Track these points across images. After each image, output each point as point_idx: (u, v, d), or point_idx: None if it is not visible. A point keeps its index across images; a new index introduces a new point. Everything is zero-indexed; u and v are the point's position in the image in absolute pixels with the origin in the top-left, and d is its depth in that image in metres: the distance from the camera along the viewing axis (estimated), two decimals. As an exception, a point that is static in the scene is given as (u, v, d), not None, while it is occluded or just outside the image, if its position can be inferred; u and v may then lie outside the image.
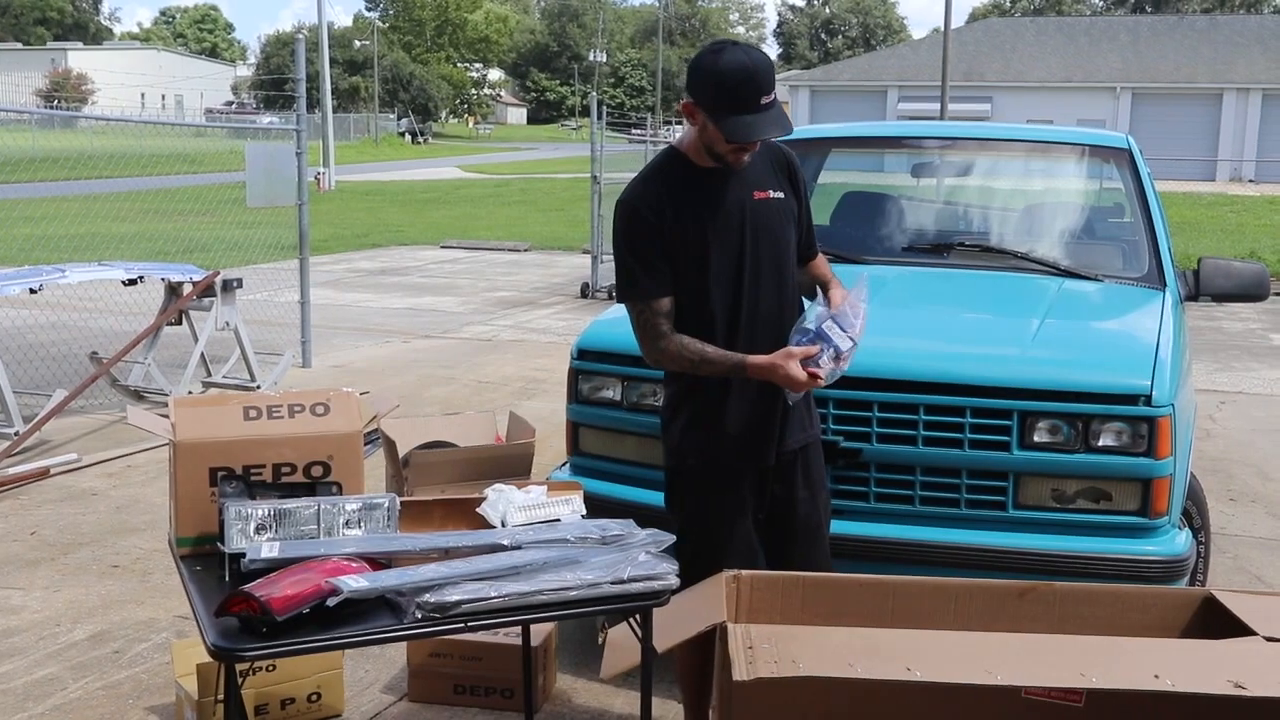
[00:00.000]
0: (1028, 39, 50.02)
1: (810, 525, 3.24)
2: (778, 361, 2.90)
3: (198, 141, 23.08)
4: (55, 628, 4.38)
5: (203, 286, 7.80)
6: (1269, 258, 16.87)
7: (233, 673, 2.26)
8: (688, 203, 3.04)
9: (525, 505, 2.74)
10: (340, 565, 2.34)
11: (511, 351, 10.21)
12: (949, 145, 6.07)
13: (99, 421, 7.29)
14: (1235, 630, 2.52)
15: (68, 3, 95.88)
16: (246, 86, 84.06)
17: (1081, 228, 5.28)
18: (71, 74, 68.50)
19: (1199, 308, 8.17)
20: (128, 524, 5.53)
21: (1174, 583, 3.48)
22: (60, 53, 75.21)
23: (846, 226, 5.37)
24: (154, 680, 3.95)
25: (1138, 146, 5.32)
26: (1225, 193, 33.31)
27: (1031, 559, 3.46)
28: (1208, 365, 9.89)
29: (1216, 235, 21.08)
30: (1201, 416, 7.46)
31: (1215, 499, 5.85)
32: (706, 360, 3.00)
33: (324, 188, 29.43)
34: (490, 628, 2.38)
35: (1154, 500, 3.50)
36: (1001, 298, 4.49)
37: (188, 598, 2.42)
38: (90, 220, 18.28)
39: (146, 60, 77.98)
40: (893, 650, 2.34)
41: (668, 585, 2.43)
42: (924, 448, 3.55)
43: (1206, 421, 7.77)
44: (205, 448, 2.62)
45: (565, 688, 3.96)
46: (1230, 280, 4.86)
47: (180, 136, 22.42)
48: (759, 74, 2.87)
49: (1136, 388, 3.49)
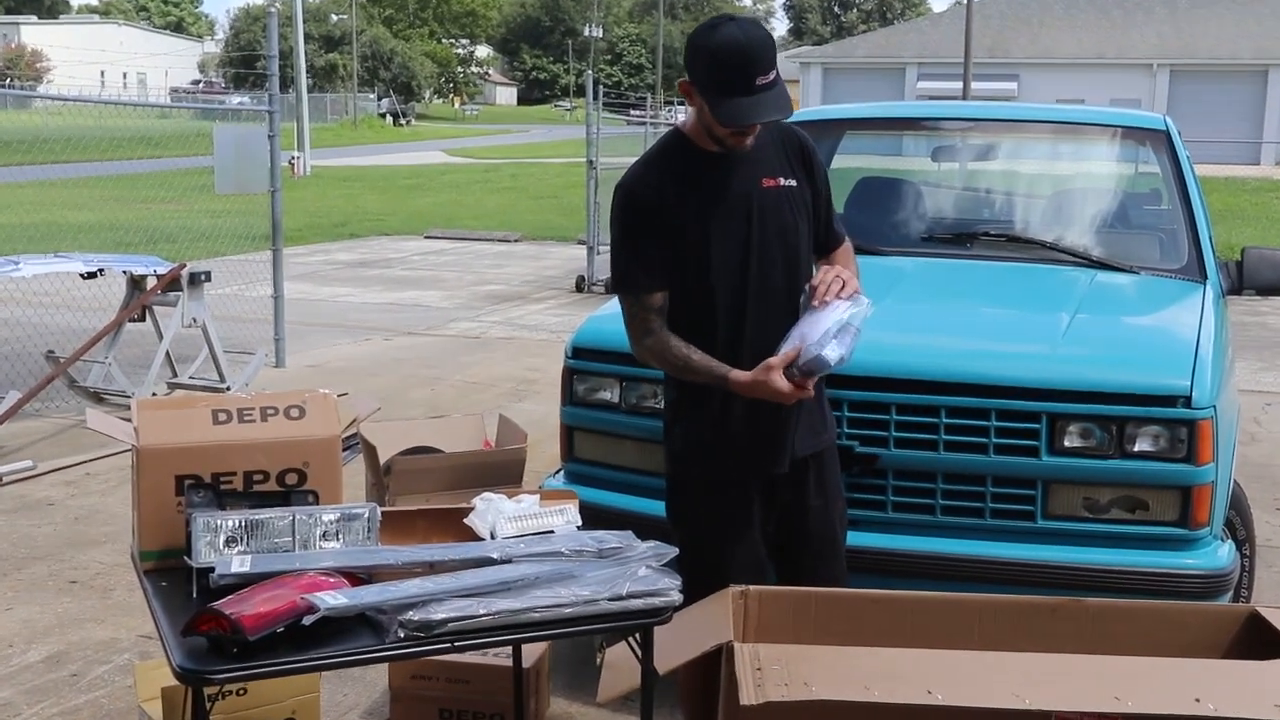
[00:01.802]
0: (1057, 12, 50.03)
1: (824, 537, 3.24)
2: (759, 378, 2.88)
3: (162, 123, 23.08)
4: (8, 649, 4.38)
5: (168, 280, 7.79)
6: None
7: (201, 697, 2.26)
8: (690, 190, 3.04)
9: (516, 516, 2.74)
10: (317, 581, 2.34)
11: (501, 350, 10.21)
12: (972, 127, 6.07)
13: (55, 425, 7.29)
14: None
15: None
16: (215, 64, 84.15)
17: (1115, 215, 5.28)
18: (25, 50, 68.59)
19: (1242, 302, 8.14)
20: (86, 536, 5.53)
21: (1216, 598, 3.48)
22: (13, 27, 75.30)
23: (862, 215, 5.37)
24: (115, 705, 3.95)
25: (1176, 128, 5.33)
26: (1271, 177, 33.31)
27: (1062, 573, 3.47)
28: (1252, 364, 9.89)
29: (1262, 223, 21.08)
30: (1245, 419, 7.46)
31: (1261, 509, 5.85)
32: (690, 368, 3.01)
33: (299, 173, 29.44)
34: (479, 648, 2.39)
35: (1194, 510, 3.50)
36: (1029, 291, 4.50)
37: (152, 616, 2.42)
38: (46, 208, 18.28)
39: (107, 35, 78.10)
40: (913, 672, 2.34)
41: (670, 602, 2.43)
42: (946, 453, 3.56)
43: (1251, 425, 7.78)
44: (171, 454, 2.61)
45: (559, 712, 3.96)
46: (1277, 272, 4.87)
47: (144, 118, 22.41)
48: (755, 52, 2.86)
49: (1175, 388, 3.49)
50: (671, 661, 2.59)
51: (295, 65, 34.96)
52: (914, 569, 3.53)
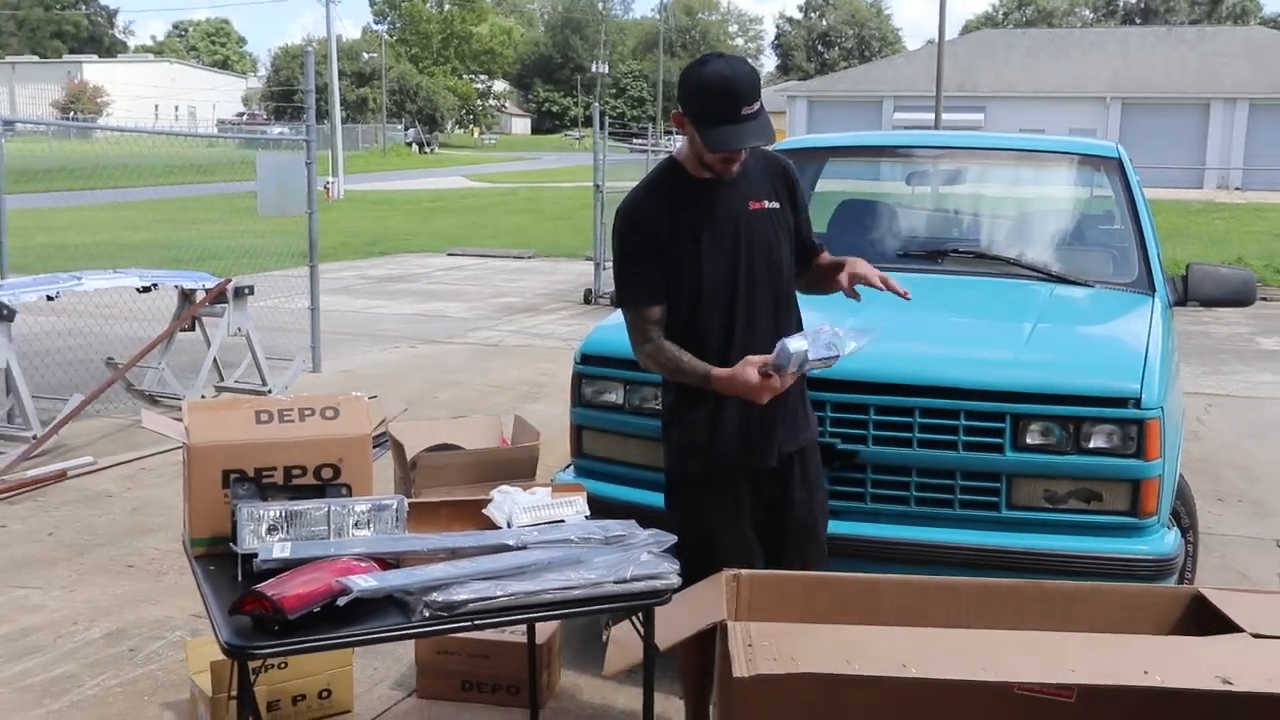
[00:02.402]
0: (1020, 50, 50.02)
1: (808, 526, 3.25)
2: (736, 371, 2.90)
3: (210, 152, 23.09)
4: (73, 626, 4.39)
5: (215, 293, 7.81)
6: (1255, 264, 16.86)
7: (246, 670, 2.26)
8: (684, 213, 3.05)
9: (530, 506, 2.74)
10: (350, 565, 2.34)
11: (516, 356, 10.21)
12: (943, 154, 6.07)
13: (114, 425, 7.30)
14: (1223, 627, 2.52)
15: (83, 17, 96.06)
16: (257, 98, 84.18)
17: (1072, 234, 5.28)
18: (87, 86, 68.70)
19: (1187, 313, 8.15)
20: (143, 525, 5.53)
21: (1163, 581, 3.48)
22: (76, 65, 75.38)
23: (843, 234, 5.37)
24: (169, 677, 3.96)
25: (1127, 155, 5.33)
26: (1213, 200, 33.31)
27: (1024, 558, 3.46)
28: (1196, 369, 9.88)
29: (1204, 242, 21.06)
30: (1190, 419, 7.46)
31: (1203, 499, 5.85)
32: (680, 370, 3.03)
33: (333, 197, 29.45)
34: (496, 626, 2.38)
35: (1143, 500, 3.50)
36: (995, 303, 4.50)
37: (201, 597, 2.42)
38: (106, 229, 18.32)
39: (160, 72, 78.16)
40: (888, 647, 2.34)
41: (669, 584, 2.43)
42: (919, 450, 3.56)
43: (1195, 424, 7.77)
44: (218, 451, 2.62)
45: (569, 684, 3.96)
46: (1218, 286, 4.86)
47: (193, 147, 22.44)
48: (740, 85, 2.87)
49: (1126, 391, 3.49)
50: (671, 638, 2.59)
51: (330, 99, 34.98)
52: (890, 554, 3.53)
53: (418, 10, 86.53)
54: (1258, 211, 28.61)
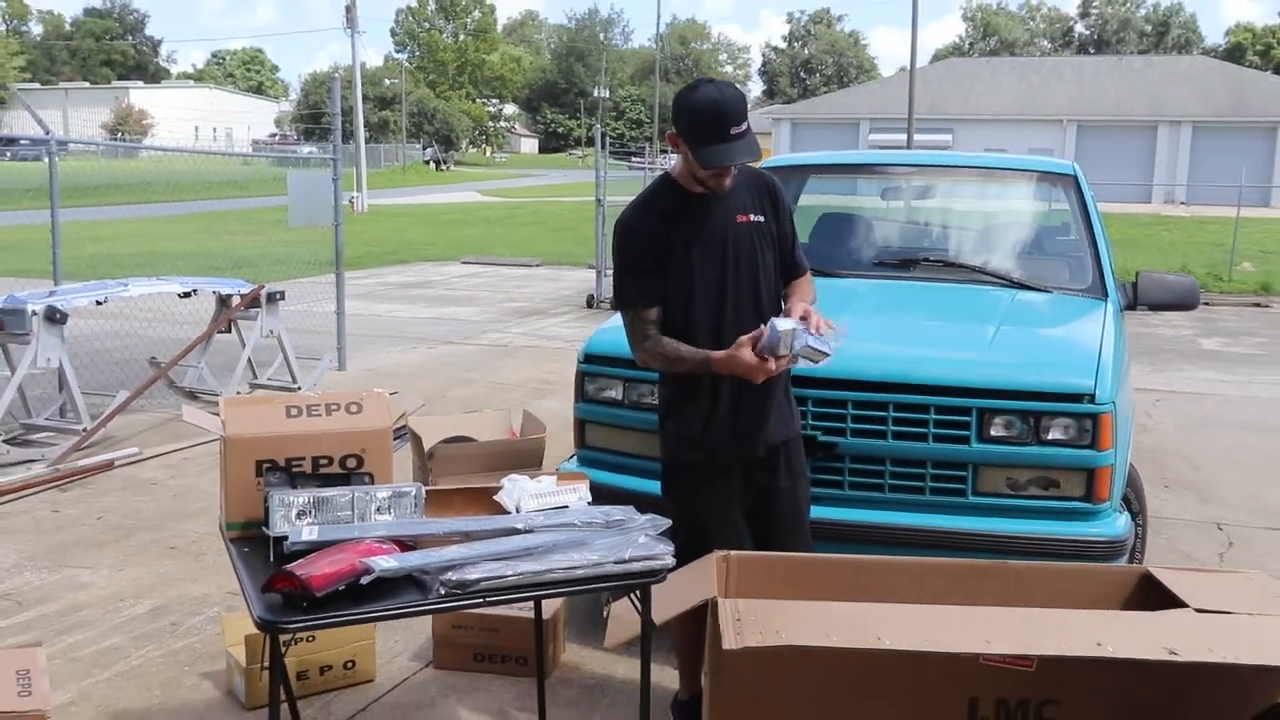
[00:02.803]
0: (985, 77, 50.03)
1: (792, 511, 3.24)
2: (732, 353, 2.91)
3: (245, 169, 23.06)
4: (119, 603, 4.38)
5: (250, 298, 7.80)
6: (1199, 271, 16.89)
7: (276, 643, 2.26)
8: (678, 226, 3.05)
9: (537, 493, 2.74)
10: (372, 547, 2.33)
11: (525, 356, 10.20)
12: (915, 172, 6.07)
13: (158, 419, 7.29)
14: (1169, 603, 2.52)
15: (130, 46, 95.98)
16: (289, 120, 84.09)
17: (1032, 244, 5.28)
18: (134, 110, 68.59)
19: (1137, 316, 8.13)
20: (184, 510, 5.52)
21: (1115, 561, 3.48)
22: (123, 91, 75.27)
23: (823, 244, 5.36)
24: (207, 649, 3.95)
25: (1082, 172, 5.33)
26: (1160, 214, 33.30)
27: (988, 540, 3.46)
28: (1145, 367, 9.89)
29: (1153, 251, 21.08)
30: (1139, 413, 7.46)
31: (1152, 486, 5.85)
32: (680, 358, 3.04)
33: (357, 210, 29.42)
34: (506, 602, 2.38)
35: (1097, 487, 3.50)
36: (962, 307, 4.49)
37: (237, 576, 2.41)
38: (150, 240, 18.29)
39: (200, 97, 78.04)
40: (865, 622, 2.34)
41: (664, 565, 2.43)
42: (893, 441, 3.56)
43: (1144, 417, 7.77)
44: (252, 442, 2.61)
45: (573, 656, 3.96)
46: (1164, 291, 4.86)
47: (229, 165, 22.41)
48: (728, 107, 2.88)
49: (1081, 387, 3.49)
50: (666, 614, 2.59)
51: (355, 121, 34.91)
52: (867, 537, 3.52)
53: (435, 40, 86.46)
54: (1200, 224, 28.62)
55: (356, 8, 35.62)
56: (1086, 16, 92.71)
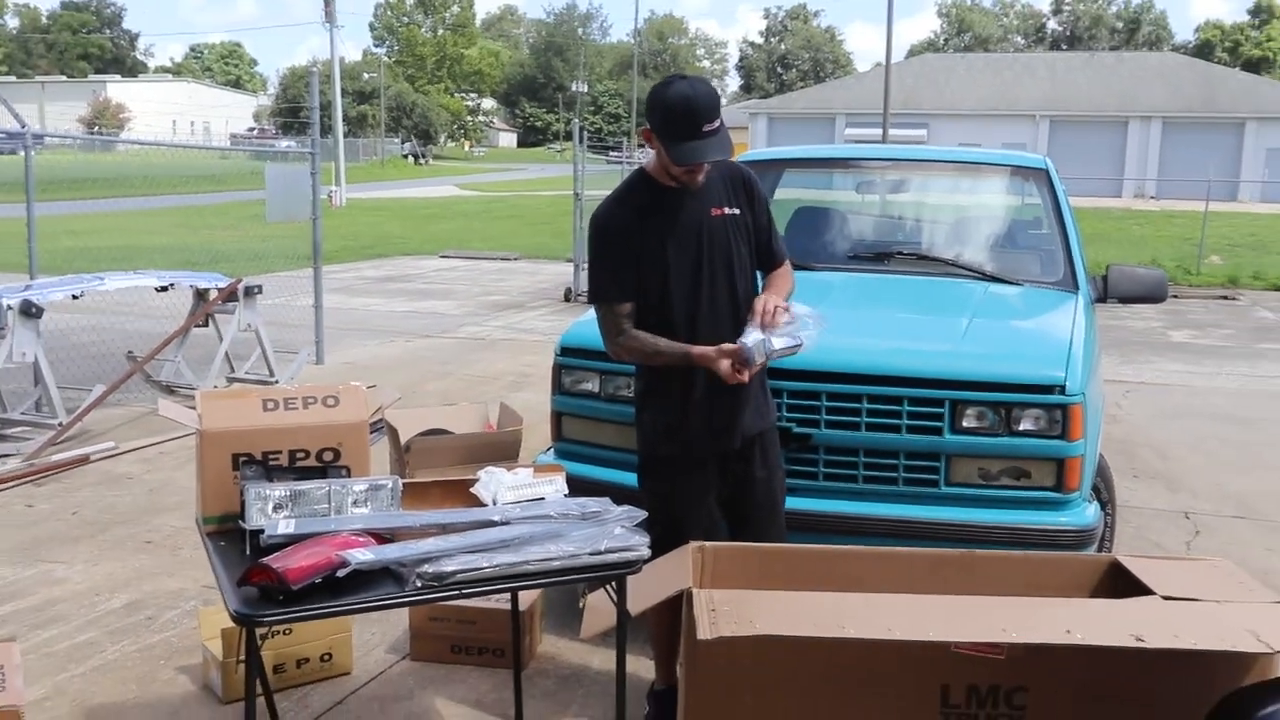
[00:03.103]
0: (959, 72, 50.21)
1: (767, 502, 3.25)
2: (710, 353, 2.92)
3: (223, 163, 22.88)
4: (95, 597, 4.35)
5: (227, 292, 7.75)
6: (1168, 265, 17.02)
7: (253, 636, 2.25)
8: (652, 219, 3.05)
9: (514, 485, 2.73)
10: (349, 540, 2.33)
11: (502, 349, 10.18)
12: (889, 166, 6.09)
13: (134, 413, 7.23)
14: (1137, 590, 2.54)
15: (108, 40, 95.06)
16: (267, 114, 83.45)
17: (1005, 238, 5.30)
18: (111, 103, 67.94)
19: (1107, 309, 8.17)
20: (160, 504, 5.49)
21: (1084, 550, 3.50)
22: (101, 84, 74.47)
23: (799, 237, 5.37)
24: (183, 643, 3.93)
25: (1054, 167, 5.35)
26: (1130, 208, 33.53)
27: (961, 530, 3.47)
28: (1115, 359, 9.96)
29: (1123, 245, 21.22)
30: (1109, 404, 7.51)
31: (1121, 476, 5.90)
32: (659, 352, 3.03)
33: (335, 204, 29.25)
34: (483, 594, 2.37)
35: (1067, 477, 3.52)
36: (935, 300, 4.51)
37: (213, 570, 2.40)
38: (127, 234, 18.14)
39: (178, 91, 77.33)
40: (838, 611, 2.35)
41: (640, 556, 2.43)
42: (866, 433, 3.56)
43: (1113, 408, 7.83)
44: (228, 436, 2.60)
45: (550, 647, 3.96)
46: (1134, 284, 4.89)
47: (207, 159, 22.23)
48: (701, 104, 2.87)
49: (1052, 379, 3.51)
50: (642, 605, 2.59)
51: (333, 115, 34.72)
52: (840, 527, 3.53)
53: (414, 35, 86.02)
54: (1170, 218, 28.83)
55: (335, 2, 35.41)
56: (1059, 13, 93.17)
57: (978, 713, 2.38)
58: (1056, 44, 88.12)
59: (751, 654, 2.34)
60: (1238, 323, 12.99)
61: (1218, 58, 74.74)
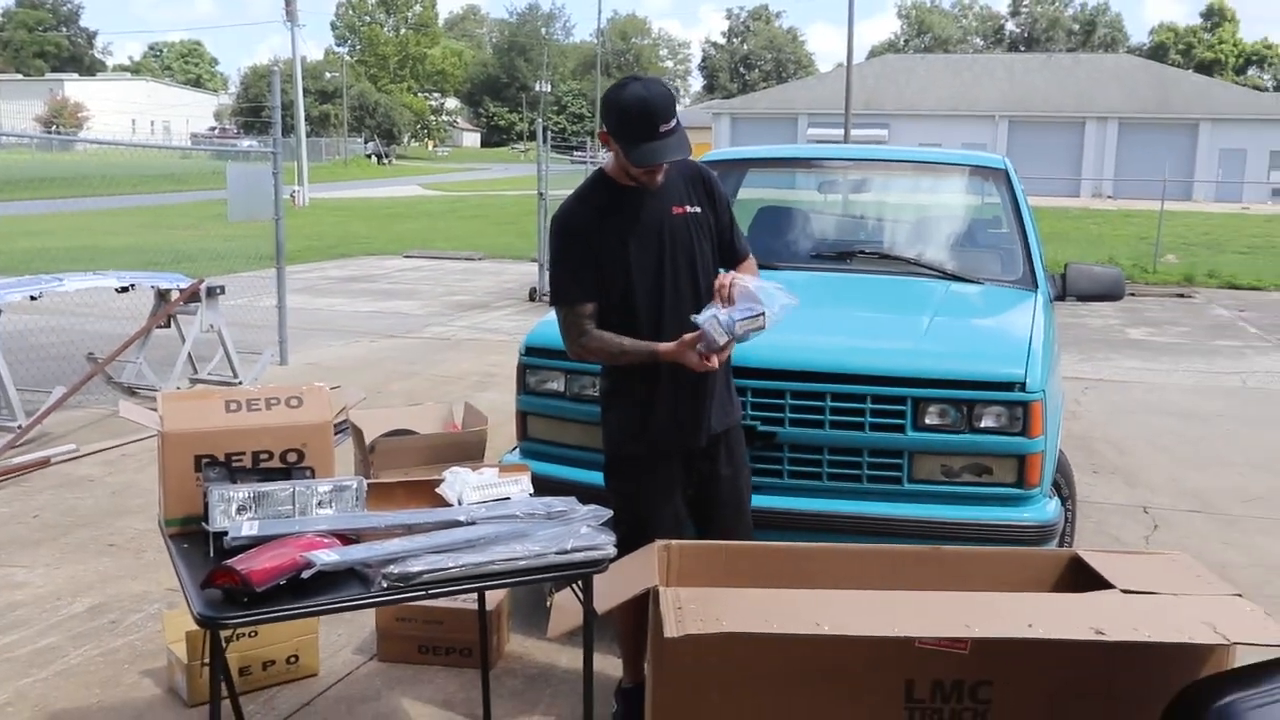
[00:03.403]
0: (919, 73, 50.59)
1: (732, 500, 3.25)
2: (674, 348, 2.91)
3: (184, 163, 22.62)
4: (57, 601, 4.28)
5: (189, 293, 7.66)
6: (1125, 263, 17.22)
7: (217, 639, 2.22)
8: (613, 220, 3.04)
9: (479, 485, 2.72)
10: (313, 541, 2.31)
11: (467, 349, 10.14)
12: (851, 165, 6.11)
13: (95, 415, 7.14)
14: (1097, 584, 2.57)
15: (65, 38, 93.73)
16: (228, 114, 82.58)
17: (965, 237, 5.33)
18: (68, 102, 67.00)
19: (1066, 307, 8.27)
20: (123, 507, 5.42)
21: (1045, 544, 3.53)
22: (58, 83, 73.45)
23: (762, 237, 5.37)
24: (147, 647, 3.88)
25: (1013, 167, 5.39)
26: (1088, 207, 33.93)
27: (924, 526, 3.50)
28: (1074, 356, 10.06)
29: (1081, 244, 21.45)
30: (1069, 400, 7.59)
31: (1080, 471, 5.96)
32: (625, 351, 3.02)
33: (298, 204, 29.01)
34: (449, 594, 2.36)
35: (1028, 473, 3.55)
36: (897, 298, 4.53)
37: (176, 572, 2.37)
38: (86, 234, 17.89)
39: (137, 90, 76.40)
40: (804, 608, 2.36)
41: (606, 555, 2.43)
42: (831, 430, 3.58)
43: (1073, 405, 7.91)
44: (190, 437, 2.57)
45: (517, 646, 3.94)
46: (1092, 282, 4.94)
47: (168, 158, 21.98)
48: (656, 105, 2.86)
49: (1012, 376, 3.54)
50: (608, 603, 2.59)
51: (295, 115, 34.45)
52: (805, 525, 3.54)
53: (376, 34, 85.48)
54: (1127, 217, 29.20)
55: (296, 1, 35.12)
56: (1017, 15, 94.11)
57: (942, 707, 2.40)
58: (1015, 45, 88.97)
59: (718, 651, 2.34)
60: (1193, 320, 13.17)
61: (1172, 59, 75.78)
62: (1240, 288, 16.36)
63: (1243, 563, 5.00)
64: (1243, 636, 2.27)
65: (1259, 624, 2.32)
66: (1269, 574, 4.87)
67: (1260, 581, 4.73)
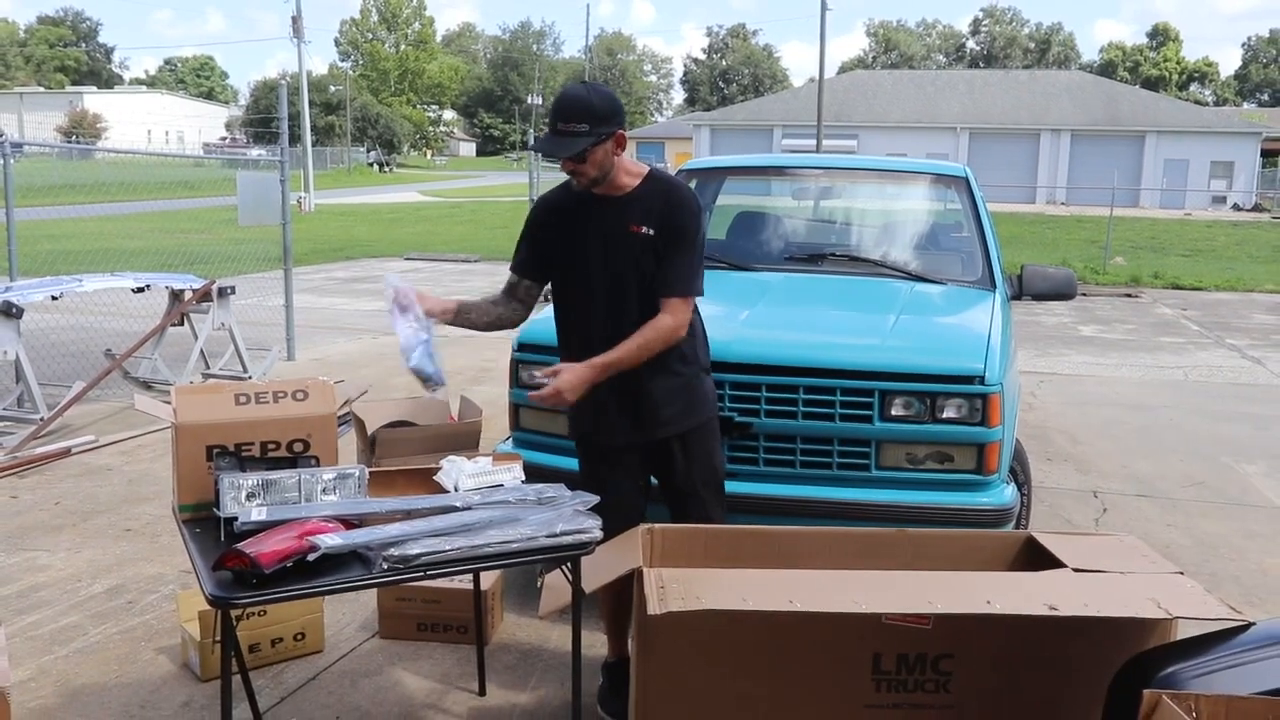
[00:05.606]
0: (886, 88, 50.67)
1: (689, 491, 3.13)
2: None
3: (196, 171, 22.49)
4: (77, 583, 4.26)
5: (201, 293, 7.62)
6: (1077, 265, 17.32)
7: (228, 618, 2.22)
8: (568, 217, 3.02)
9: (474, 473, 2.72)
10: (318, 526, 2.30)
11: (463, 345, 10.09)
12: (822, 173, 6.11)
13: (113, 408, 7.09)
14: (1050, 564, 2.58)
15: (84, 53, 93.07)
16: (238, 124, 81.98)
17: (928, 240, 5.34)
18: (88, 114, 66.48)
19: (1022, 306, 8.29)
20: (139, 494, 5.39)
21: (1002, 527, 3.54)
22: (78, 96, 72.91)
23: (740, 240, 5.39)
24: (162, 625, 3.86)
25: (973, 175, 5.41)
26: (1043, 213, 34.04)
27: (890, 510, 3.51)
28: (1029, 352, 10.10)
29: (1037, 247, 21.54)
30: (1025, 393, 7.62)
31: (1036, 458, 5.99)
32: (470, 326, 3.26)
33: (305, 210, 28.86)
34: (446, 575, 2.36)
35: (987, 461, 3.57)
36: (865, 298, 4.54)
37: (189, 555, 2.36)
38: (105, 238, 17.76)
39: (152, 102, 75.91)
40: (778, 586, 2.36)
41: (593, 538, 2.42)
42: (803, 421, 3.58)
43: (1029, 397, 7.95)
44: (202, 429, 2.55)
45: (510, 624, 3.94)
46: (1046, 282, 4.95)
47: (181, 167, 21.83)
48: (562, 103, 2.83)
49: (972, 370, 3.55)
50: (595, 583, 2.59)
51: (302, 125, 34.26)
52: (780, 509, 3.54)
53: (377, 50, 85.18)
54: (1079, 222, 29.31)
55: (302, 18, 34.93)
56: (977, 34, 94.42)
57: (907, 678, 2.41)
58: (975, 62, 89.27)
59: (698, 627, 2.34)
60: (1140, 318, 13.24)
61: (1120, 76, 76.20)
62: (1183, 288, 16.46)
63: (1185, 543, 5.03)
64: (1184, 611, 2.29)
65: (1199, 599, 2.34)
66: (1208, 553, 4.90)
67: (1200, 560, 4.76)
